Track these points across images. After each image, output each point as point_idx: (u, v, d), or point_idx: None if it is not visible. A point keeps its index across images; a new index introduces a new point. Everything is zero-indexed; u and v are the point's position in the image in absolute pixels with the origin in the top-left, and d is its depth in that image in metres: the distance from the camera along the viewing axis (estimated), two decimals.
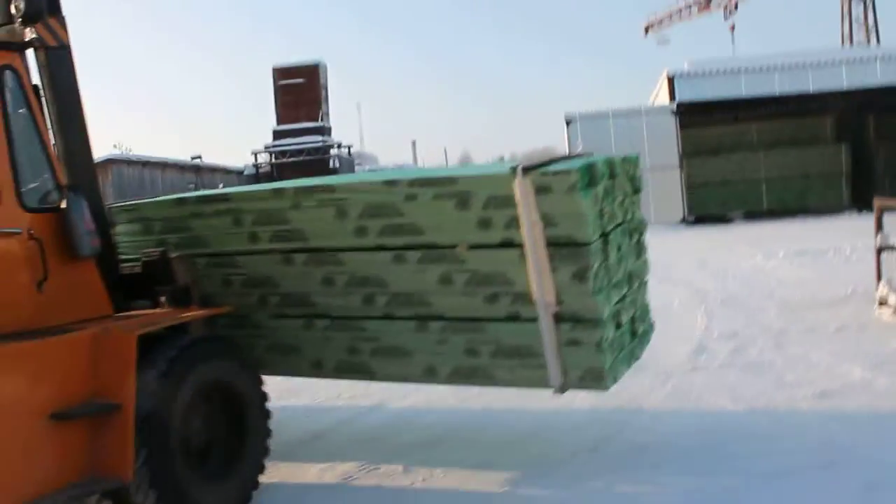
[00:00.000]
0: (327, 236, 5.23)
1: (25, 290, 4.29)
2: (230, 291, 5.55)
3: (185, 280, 5.21)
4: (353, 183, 5.45)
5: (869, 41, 50.12)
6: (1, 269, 4.24)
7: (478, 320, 5.03)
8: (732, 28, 52.47)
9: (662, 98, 28.97)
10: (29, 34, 4.62)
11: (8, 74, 4.45)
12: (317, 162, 48.21)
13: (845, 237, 17.13)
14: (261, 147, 51.42)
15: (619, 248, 5.02)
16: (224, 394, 4.91)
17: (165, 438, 4.39)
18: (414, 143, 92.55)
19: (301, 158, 48.70)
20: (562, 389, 4.90)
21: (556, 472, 5.29)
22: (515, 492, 5.11)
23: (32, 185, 4.51)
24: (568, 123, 27.03)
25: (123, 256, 5.39)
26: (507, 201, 4.66)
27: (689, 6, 54.15)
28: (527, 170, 4.59)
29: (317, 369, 5.65)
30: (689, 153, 26.70)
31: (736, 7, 51.99)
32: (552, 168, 4.66)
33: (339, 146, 52.31)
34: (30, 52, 4.72)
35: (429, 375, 5.33)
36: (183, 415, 4.56)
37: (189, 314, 4.97)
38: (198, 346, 4.78)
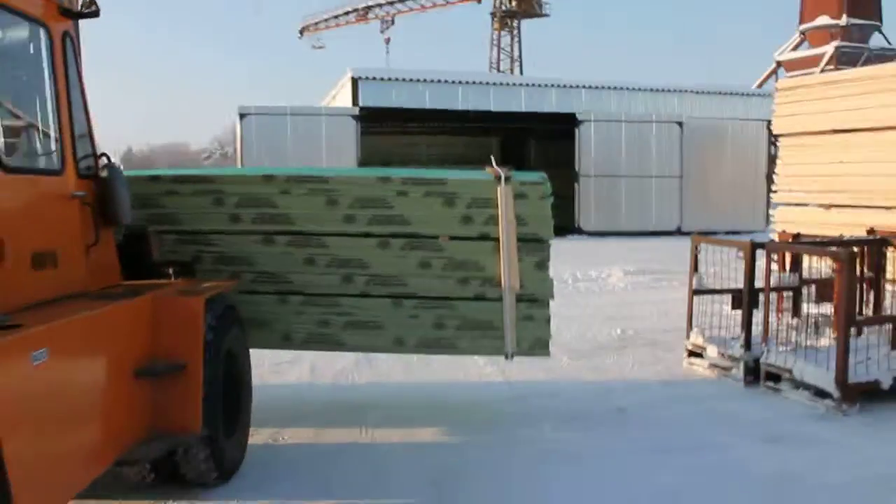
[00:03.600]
0: (315, 221, 5.80)
1: (79, 254, 4.37)
2: (200, 268, 5.75)
3: (157, 254, 5.36)
4: (348, 176, 5.97)
5: (513, 70, 53.32)
6: (64, 232, 4.26)
7: (448, 299, 5.87)
8: (388, 41, 53.15)
9: (342, 100, 27.37)
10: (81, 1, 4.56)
11: (68, 42, 4.40)
12: None
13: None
14: None
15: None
16: (233, 356, 5.24)
17: (217, 396, 4.82)
18: None
19: None
20: (512, 356, 5.98)
21: None
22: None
23: (82, 152, 4.54)
24: (242, 117, 24.37)
25: None
26: (488, 203, 5.71)
27: (348, 13, 53.77)
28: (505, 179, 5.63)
29: (286, 342, 6.11)
30: (364, 162, 25.39)
31: (393, 21, 52.64)
32: (525, 179, 5.75)
33: None
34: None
35: (397, 346, 6.04)
36: (221, 375, 4.97)
37: (222, 284, 5.34)
38: (229, 313, 5.15)
